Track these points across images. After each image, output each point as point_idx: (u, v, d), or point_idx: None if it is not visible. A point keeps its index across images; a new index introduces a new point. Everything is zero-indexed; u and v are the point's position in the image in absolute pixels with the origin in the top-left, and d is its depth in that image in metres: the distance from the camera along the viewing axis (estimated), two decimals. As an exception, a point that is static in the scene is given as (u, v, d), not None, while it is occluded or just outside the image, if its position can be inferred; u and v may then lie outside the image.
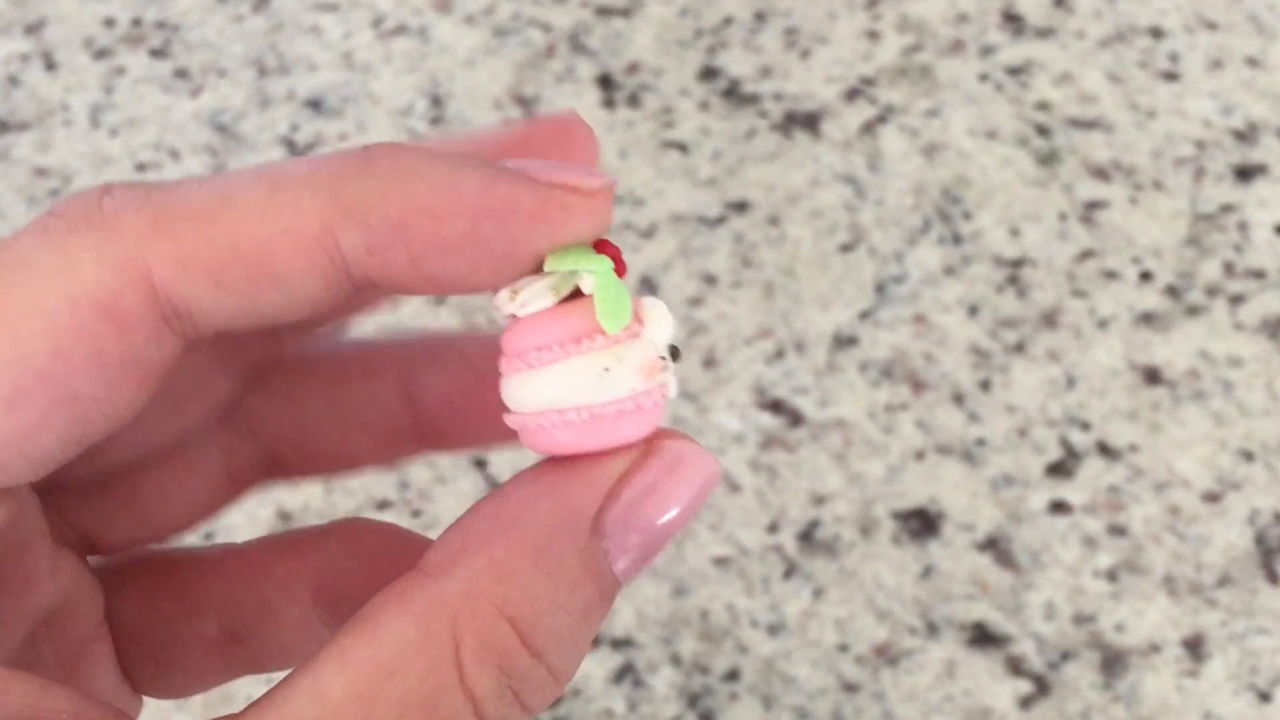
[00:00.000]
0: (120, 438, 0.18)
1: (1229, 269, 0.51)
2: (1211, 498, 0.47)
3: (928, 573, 0.46)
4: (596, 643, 0.45)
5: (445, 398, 0.20)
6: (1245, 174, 0.54)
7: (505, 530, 0.16)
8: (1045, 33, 0.58)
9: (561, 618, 0.16)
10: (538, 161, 0.16)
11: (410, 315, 0.51)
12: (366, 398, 0.21)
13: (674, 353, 0.17)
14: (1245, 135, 0.55)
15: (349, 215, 0.16)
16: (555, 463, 0.18)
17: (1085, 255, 0.52)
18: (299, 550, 0.21)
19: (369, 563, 0.20)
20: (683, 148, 0.55)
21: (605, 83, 0.57)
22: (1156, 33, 0.58)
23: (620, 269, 0.17)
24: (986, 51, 0.58)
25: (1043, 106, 0.56)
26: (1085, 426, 0.48)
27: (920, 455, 0.48)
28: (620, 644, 0.45)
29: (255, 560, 0.21)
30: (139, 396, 0.17)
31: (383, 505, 0.48)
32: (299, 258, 0.16)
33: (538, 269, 0.17)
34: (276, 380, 0.21)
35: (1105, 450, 0.48)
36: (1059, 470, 0.47)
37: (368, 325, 0.45)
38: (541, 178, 0.16)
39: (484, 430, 0.20)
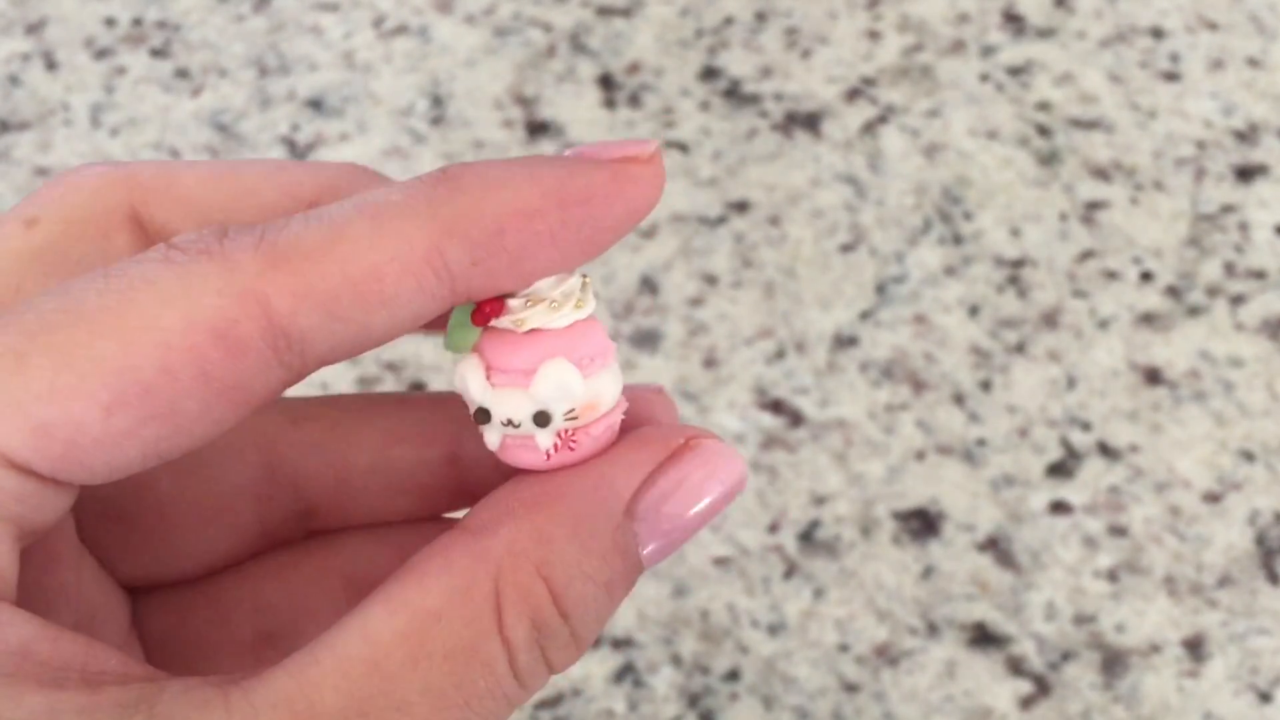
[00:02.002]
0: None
1: (1229, 269, 0.51)
2: (1212, 498, 0.47)
3: (928, 573, 0.46)
4: (597, 643, 0.45)
5: (491, 460, 0.20)
6: (1246, 174, 0.54)
7: (548, 501, 0.17)
8: (1046, 33, 0.58)
9: (589, 586, 0.18)
10: (592, 145, 0.18)
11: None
12: (414, 459, 0.21)
13: (541, 419, 0.19)
14: (1246, 135, 0.55)
15: (451, 233, 0.17)
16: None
17: (1086, 255, 0.52)
18: (329, 545, 0.22)
19: (399, 551, 0.20)
20: (683, 148, 0.55)
21: (606, 83, 0.57)
22: (1157, 33, 0.58)
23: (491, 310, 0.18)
24: (987, 51, 0.58)
25: (1043, 107, 0.56)
26: (1086, 427, 0.48)
27: (921, 455, 0.48)
28: (621, 644, 0.45)
29: (285, 560, 0.22)
30: (231, 418, 0.17)
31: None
32: (408, 279, 0.17)
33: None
34: (319, 432, 0.21)
35: (1106, 450, 0.48)
36: (1059, 470, 0.47)
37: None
38: (605, 156, 0.18)
39: None
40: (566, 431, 0.19)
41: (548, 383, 0.18)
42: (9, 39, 0.60)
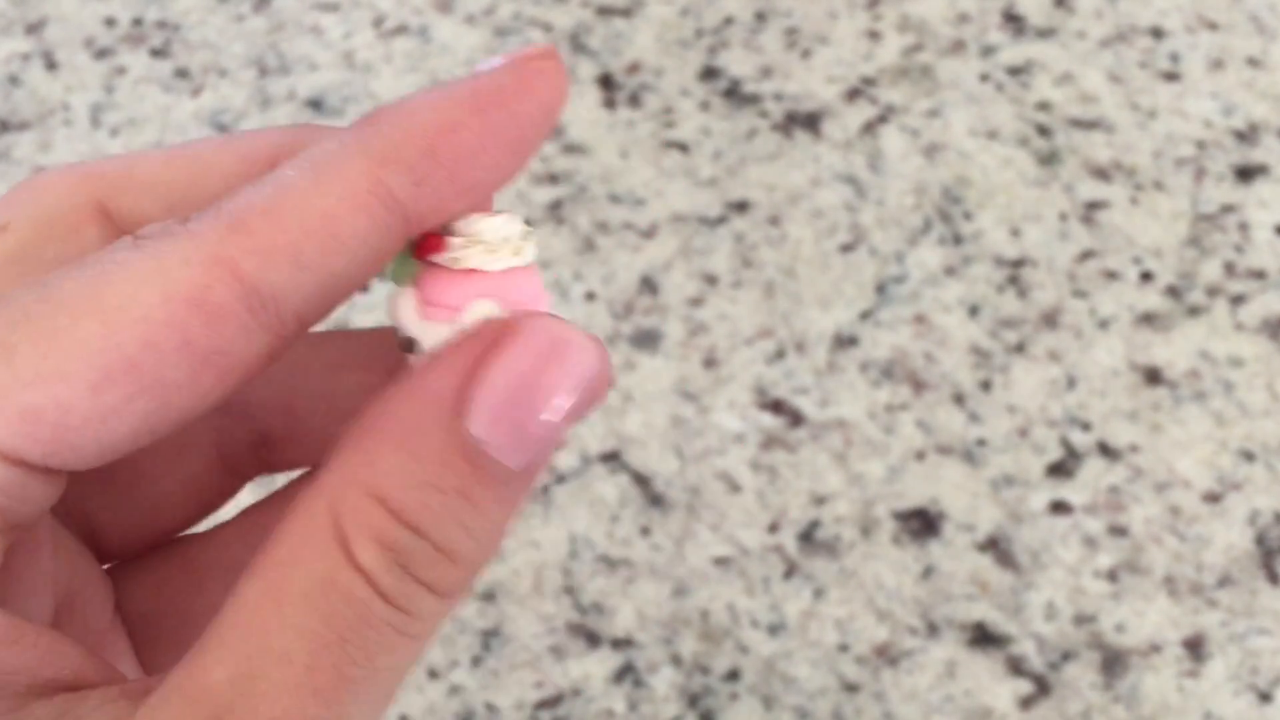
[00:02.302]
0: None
1: (1229, 269, 0.51)
2: (1212, 498, 0.47)
3: (928, 573, 0.46)
4: (597, 642, 0.45)
5: None
6: (1246, 174, 0.54)
7: (372, 420, 0.17)
8: (1046, 33, 0.58)
9: (432, 494, 0.17)
10: (485, 62, 0.19)
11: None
12: (358, 385, 0.21)
13: (407, 343, 0.19)
14: (1246, 135, 0.55)
15: (387, 162, 0.18)
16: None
17: (1086, 255, 0.52)
18: (287, 499, 0.22)
19: None
20: (683, 148, 0.55)
21: (606, 83, 0.57)
22: (1157, 33, 0.58)
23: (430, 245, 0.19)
24: (987, 51, 0.58)
25: (1043, 107, 0.56)
26: (1086, 427, 0.48)
27: (921, 455, 0.48)
28: (620, 644, 0.45)
29: (252, 525, 0.22)
30: (218, 389, 0.18)
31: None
32: (360, 216, 0.18)
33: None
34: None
35: (1106, 450, 0.48)
36: (1059, 470, 0.47)
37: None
38: (504, 63, 0.19)
39: None
40: None
41: (473, 318, 0.19)
42: (9, 39, 0.60)
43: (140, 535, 0.22)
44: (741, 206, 0.54)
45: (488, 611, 0.46)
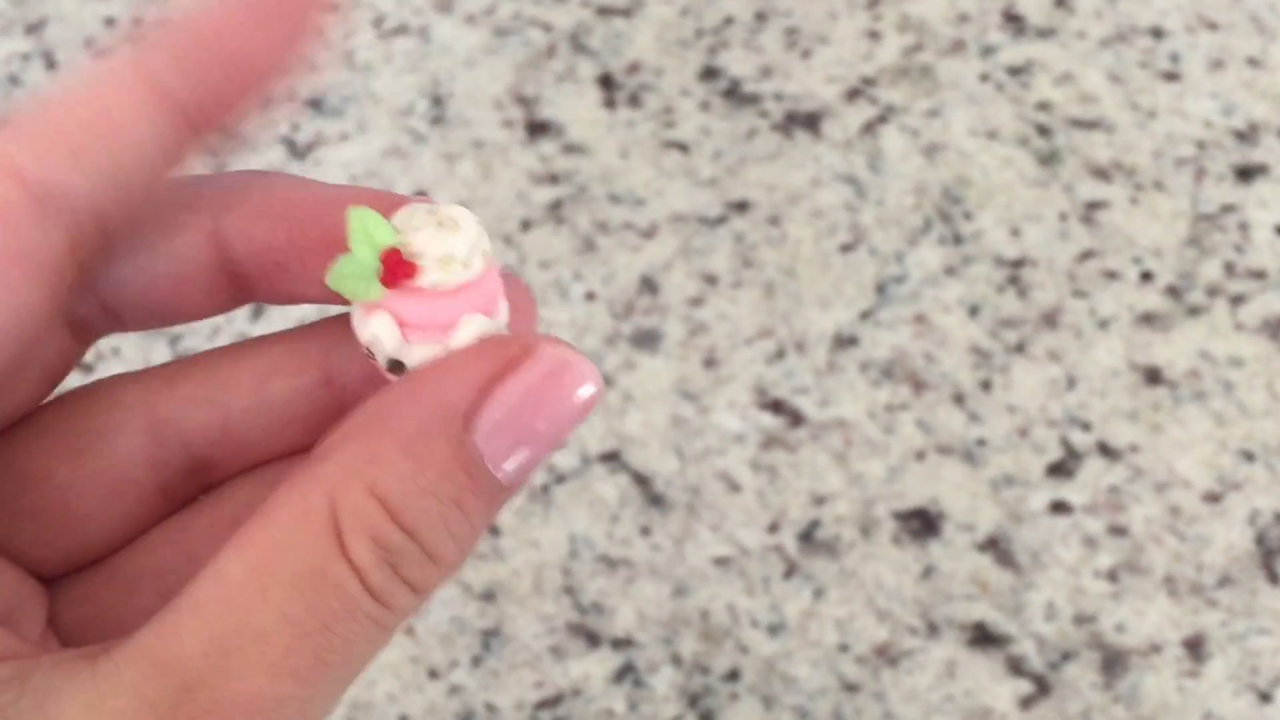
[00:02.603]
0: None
1: (1230, 269, 0.51)
2: (1212, 498, 0.47)
3: (928, 573, 0.46)
4: (597, 642, 0.45)
5: (367, 377, 0.21)
6: (1246, 174, 0.54)
7: (382, 419, 0.18)
8: (1046, 33, 0.58)
9: (430, 501, 0.17)
10: None
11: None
12: (290, 390, 0.22)
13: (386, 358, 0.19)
14: (1246, 135, 0.55)
15: (159, 58, 0.19)
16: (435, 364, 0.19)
17: (1086, 255, 0.52)
18: (218, 497, 0.22)
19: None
20: (683, 148, 0.55)
21: (606, 83, 0.57)
22: (1157, 33, 0.58)
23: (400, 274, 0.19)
24: (987, 51, 0.58)
25: (1043, 106, 0.56)
26: (1086, 427, 0.48)
27: (921, 455, 0.48)
28: (620, 644, 0.45)
29: (179, 522, 0.22)
30: (34, 288, 0.18)
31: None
32: (136, 110, 0.18)
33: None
34: (195, 386, 0.22)
35: (1106, 450, 0.48)
36: (1059, 470, 0.47)
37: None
38: None
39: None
40: None
41: (467, 336, 0.19)
42: (9, 39, 0.60)
43: (73, 562, 0.22)
44: (741, 206, 0.54)
45: (488, 611, 0.46)
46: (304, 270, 0.20)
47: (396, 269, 0.19)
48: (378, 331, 0.19)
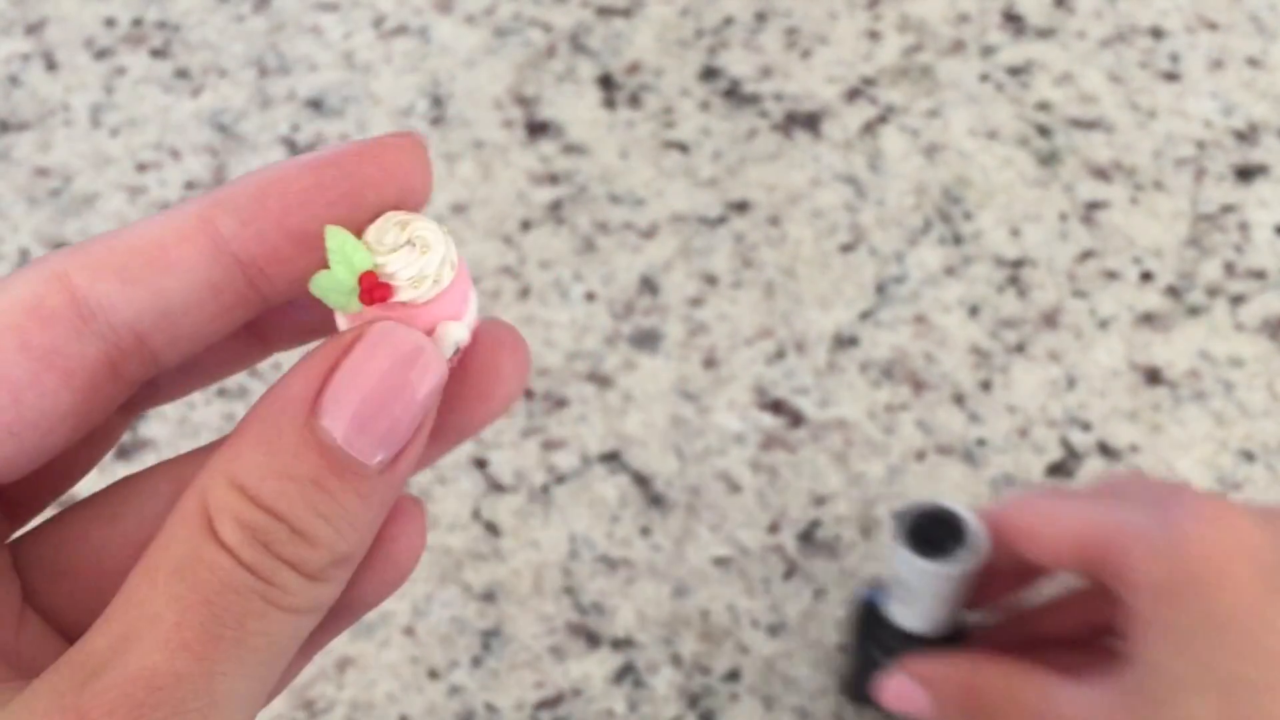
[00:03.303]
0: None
1: (1229, 269, 0.51)
2: (1212, 498, 0.47)
3: (928, 573, 0.46)
4: (597, 643, 0.45)
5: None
6: (1246, 174, 0.54)
7: (241, 424, 0.20)
8: (1046, 33, 0.58)
9: (288, 483, 0.19)
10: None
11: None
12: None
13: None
14: (1246, 135, 0.55)
15: (220, 204, 0.20)
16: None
17: (1086, 255, 0.52)
18: (193, 461, 0.23)
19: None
20: (683, 148, 0.55)
21: (606, 83, 0.57)
22: (1157, 33, 0.58)
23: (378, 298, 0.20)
24: (987, 51, 0.58)
25: (1043, 107, 0.56)
26: (1086, 427, 0.48)
27: (921, 455, 0.48)
28: (621, 644, 0.45)
29: (147, 489, 0.23)
30: (64, 390, 0.20)
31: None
32: (186, 245, 0.20)
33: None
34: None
35: (1106, 450, 0.48)
36: (1060, 470, 0.47)
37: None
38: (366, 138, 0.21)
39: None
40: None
41: (443, 343, 0.21)
42: (9, 39, 0.60)
43: (43, 498, 0.23)
44: (741, 207, 0.54)
45: (488, 612, 0.46)
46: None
47: (373, 290, 0.20)
48: None
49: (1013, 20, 0.59)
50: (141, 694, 0.18)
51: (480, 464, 0.48)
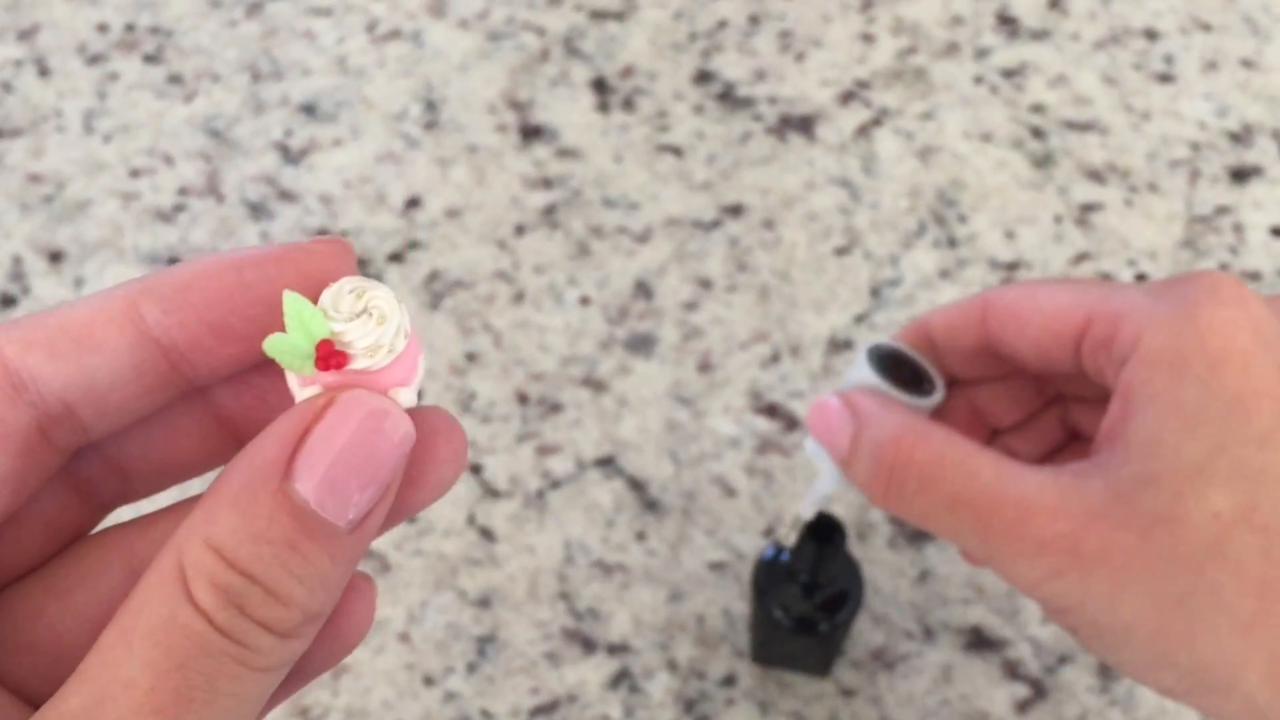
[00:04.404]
0: None
1: (1224, 271, 0.51)
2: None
3: (924, 577, 0.46)
4: (592, 648, 0.45)
5: (247, 407, 0.24)
6: (1240, 176, 0.54)
7: (217, 483, 0.20)
8: (1040, 35, 0.58)
9: (262, 545, 0.19)
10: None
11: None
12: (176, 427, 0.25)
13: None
14: (1240, 137, 0.55)
15: (147, 292, 0.21)
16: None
17: (1081, 257, 0.52)
18: (141, 532, 0.24)
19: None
20: (677, 151, 0.55)
21: (599, 86, 0.57)
22: (1151, 35, 0.58)
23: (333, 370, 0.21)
24: (981, 54, 0.58)
25: (1037, 109, 0.56)
26: (1081, 429, 0.48)
27: (916, 459, 0.48)
28: (616, 649, 0.45)
29: (97, 564, 0.24)
30: (1, 454, 0.21)
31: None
32: (112, 327, 0.21)
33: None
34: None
35: (1101, 453, 0.48)
36: (1055, 473, 0.47)
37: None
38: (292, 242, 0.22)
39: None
40: None
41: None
42: (2, 45, 0.60)
43: (2, 575, 0.23)
44: (735, 210, 0.54)
45: (483, 618, 0.46)
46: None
47: (329, 358, 0.21)
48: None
49: (1007, 22, 0.58)
50: None
51: (475, 469, 0.48)
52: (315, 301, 0.21)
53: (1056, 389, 0.36)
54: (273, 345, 0.21)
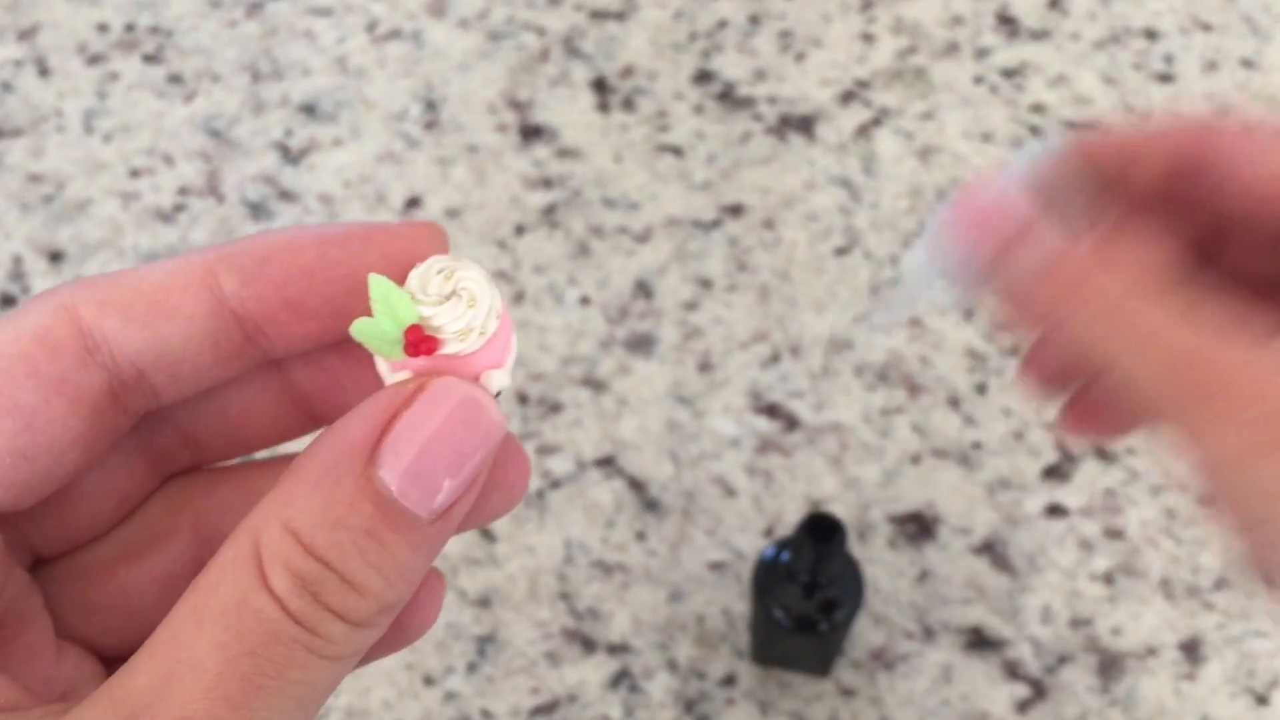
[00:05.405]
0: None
1: (1224, 271, 0.51)
2: (1208, 500, 0.47)
3: (924, 576, 0.46)
4: (592, 648, 0.45)
5: (323, 385, 0.23)
6: (1240, 175, 0.54)
7: (298, 463, 0.20)
8: (1040, 35, 0.58)
9: (340, 533, 0.19)
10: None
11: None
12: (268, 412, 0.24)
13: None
14: (1240, 137, 0.55)
15: (225, 260, 0.21)
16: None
17: (1081, 257, 0.52)
18: (211, 495, 0.24)
19: (251, 496, 0.23)
20: (677, 151, 0.55)
21: (600, 86, 0.57)
22: (1151, 34, 0.58)
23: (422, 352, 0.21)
24: (981, 54, 0.58)
25: (1038, 109, 0.56)
26: (1081, 429, 0.48)
27: (916, 459, 0.48)
28: (616, 649, 0.45)
29: (167, 526, 0.23)
30: (72, 416, 0.21)
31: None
32: (188, 294, 0.21)
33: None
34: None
35: (1102, 453, 0.48)
36: (1055, 473, 0.47)
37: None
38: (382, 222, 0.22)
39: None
40: None
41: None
42: (2, 45, 0.60)
43: (74, 536, 0.23)
44: (735, 210, 0.54)
45: (483, 618, 0.46)
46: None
47: (419, 344, 0.20)
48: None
49: (1007, 22, 0.58)
50: None
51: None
52: (401, 282, 0.20)
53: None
54: (359, 330, 0.20)
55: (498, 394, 0.21)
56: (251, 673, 0.18)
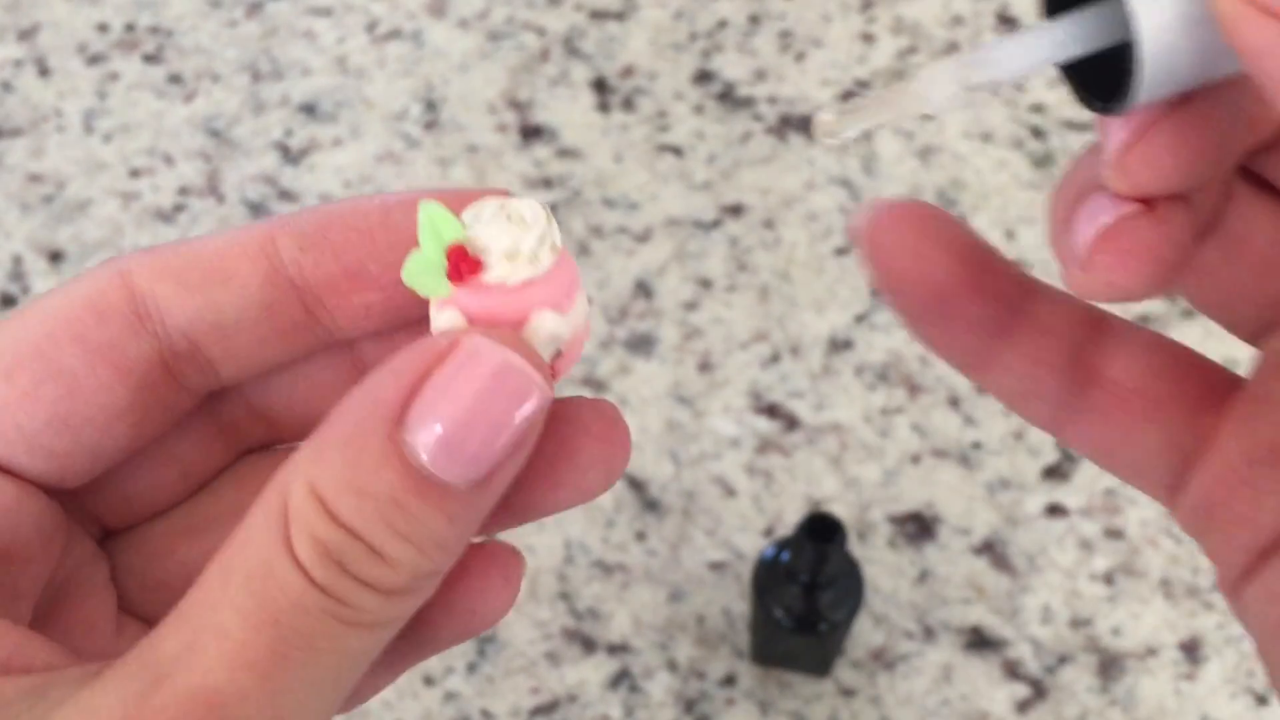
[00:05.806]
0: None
1: (1224, 271, 0.51)
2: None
3: (924, 576, 0.46)
4: (592, 648, 0.45)
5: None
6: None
7: (330, 418, 0.18)
8: (1040, 35, 0.58)
9: (365, 500, 0.17)
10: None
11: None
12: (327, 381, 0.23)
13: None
14: (1240, 137, 0.55)
15: (284, 226, 0.20)
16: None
17: (1081, 257, 0.52)
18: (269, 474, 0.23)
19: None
20: (677, 151, 0.55)
21: (600, 86, 0.57)
22: (1151, 34, 0.58)
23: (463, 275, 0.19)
24: (981, 54, 0.58)
25: (1038, 109, 0.56)
26: (1081, 429, 0.48)
27: (916, 459, 0.48)
28: (616, 649, 0.45)
29: (228, 501, 0.23)
30: (119, 386, 0.20)
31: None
32: (244, 260, 0.20)
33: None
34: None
35: (1101, 453, 0.48)
36: (1055, 473, 0.47)
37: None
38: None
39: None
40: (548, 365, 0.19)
41: (538, 336, 0.19)
42: (2, 45, 0.60)
43: (140, 510, 0.23)
44: (736, 210, 0.54)
45: (483, 617, 0.46)
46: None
47: (460, 264, 0.19)
48: (445, 327, 0.19)
49: (1007, 22, 0.58)
50: (201, 711, 0.17)
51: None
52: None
53: None
54: (407, 270, 0.19)
55: (556, 351, 0.19)
56: (277, 642, 0.17)
